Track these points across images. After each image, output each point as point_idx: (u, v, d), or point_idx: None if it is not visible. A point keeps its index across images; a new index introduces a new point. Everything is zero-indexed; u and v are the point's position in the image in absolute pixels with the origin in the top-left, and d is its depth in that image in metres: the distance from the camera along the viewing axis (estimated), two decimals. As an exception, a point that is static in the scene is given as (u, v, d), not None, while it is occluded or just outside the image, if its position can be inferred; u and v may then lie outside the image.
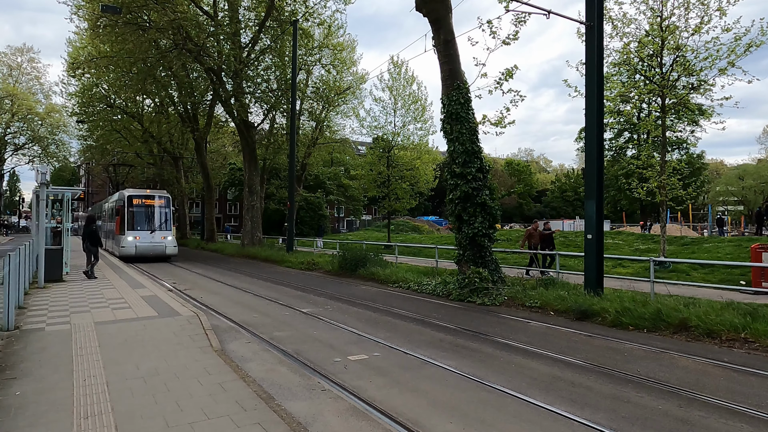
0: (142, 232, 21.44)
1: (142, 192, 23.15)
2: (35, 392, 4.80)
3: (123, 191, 23.04)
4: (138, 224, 21.56)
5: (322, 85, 31.57)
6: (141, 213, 21.91)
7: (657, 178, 15.09)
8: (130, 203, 21.75)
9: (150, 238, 21.43)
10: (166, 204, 22.58)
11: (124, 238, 21.16)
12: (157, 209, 22.25)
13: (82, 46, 29.91)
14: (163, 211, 22.32)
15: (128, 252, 20.98)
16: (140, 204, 21.97)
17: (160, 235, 21.72)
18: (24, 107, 48.29)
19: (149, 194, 22.65)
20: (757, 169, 65.05)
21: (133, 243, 20.99)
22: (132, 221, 21.45)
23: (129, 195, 22.03)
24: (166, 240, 21.84)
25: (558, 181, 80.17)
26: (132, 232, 21.27)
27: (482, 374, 5.88)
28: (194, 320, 8.13)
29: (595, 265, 10.20)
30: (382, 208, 30.61)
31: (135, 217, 21.66)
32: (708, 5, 13.88)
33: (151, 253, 21.36)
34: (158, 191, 23.67)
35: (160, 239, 21.60)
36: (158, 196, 22.65)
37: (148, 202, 22.12)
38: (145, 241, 21.20)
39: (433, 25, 12.61)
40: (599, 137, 10.49)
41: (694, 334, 7.74)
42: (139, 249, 21.04)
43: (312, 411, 4.60)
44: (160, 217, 22.24)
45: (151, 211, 22.15)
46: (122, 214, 21.71)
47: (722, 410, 4.81)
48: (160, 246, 21.52)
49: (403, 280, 13.99)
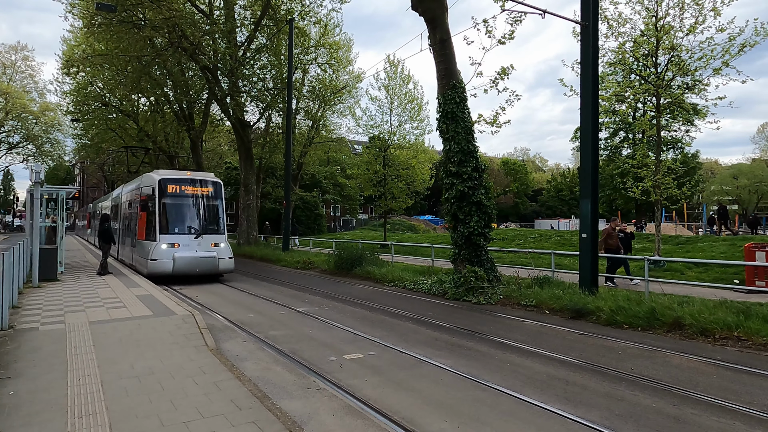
0: (183, 237, 14.40)
1: (180, 175, 15.71)
2: (29, 392, 4.78)
3: (151, 174, 15.92)
4: (176, 225, 14.62)
5: (318, 84, 31.53)
6: (181, 207, 14.95)
7: (652, 178, 15.15)
8: (163, 192, 14.69)
9: (195, 246, 14.37)
10: (217, 193, 15.68)
11: (154, 247, 14.01)
12: (204, 201, 15.35)
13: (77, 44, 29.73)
14: (213, 205, 15.55)
15: (162, 268, 13.85)
16: (179, 193, 14.95)
17: (209, 241, 14.69)
18: (18, 105, 47.95)
19: (192, 178, 15.55)
20: (752, 168, 65.43)
21: (170, 254, 13.91)
22: (167, 220, 14.51)
23: (163, 179, 14.88)
24: (219, 249, 14.77)
25: (554, 181, 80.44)
26: (167, 237, 14.21)
27: (477, 373, 5.90)
28: (189, 319, 8.11)
29: (590, 264, 10.24)
30: (379, 208, 30.61)
31: (172, 213, 14.74)
32: (702, 5, 13.95)
33: (197, 270, 14.27)
34: (203, 173, 16.69)
35: (209, 247, 14.57)
36: (205, 180, 15.69)
37: (190, 190, 15.18)
38: (187, 251, 14.18)
39: (429, 24, 12.62)
40: (594, 136, 10.53)
41: (688, 332, 7.79)
42: (179, 264, 13.95)
43: (307, 410, 4.61)
44: (208, 213, 15.36)
45: (197, 204, 15.21)
46: (151, 208, 14.85)
47: (715, 408, 4.85)
48: (210, 258, 14.41)
49: (399, 279, 14.01)
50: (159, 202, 14.57)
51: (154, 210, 14.60)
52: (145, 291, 11.32)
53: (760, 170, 63.12)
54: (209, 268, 14.46)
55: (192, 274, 14.36)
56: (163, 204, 14.61)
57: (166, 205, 14.66)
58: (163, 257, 13.89)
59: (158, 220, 14.36)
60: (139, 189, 16.18)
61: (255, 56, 25.59)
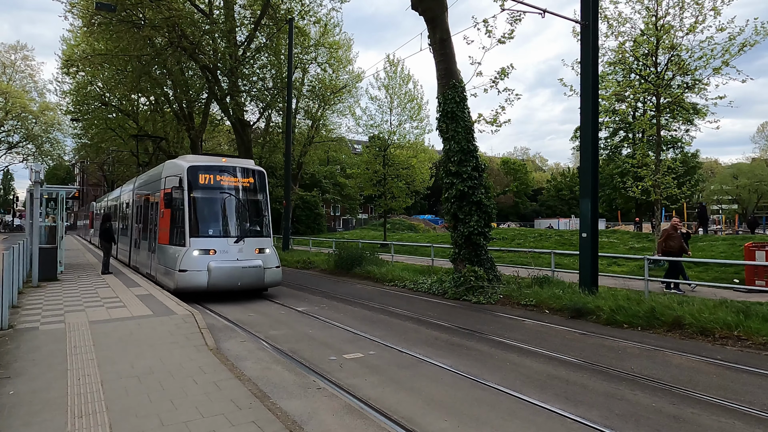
0: (220, 242, 11.25)
1: (214, 161, 12.26)
2: (29, 391, 4.78)
3: (176, 161, 12.76)
4: (211, 225, 11.60)
5: (318, 83, 31.52)
6: (216, 203, 11.78)
7: (652, 177, 15.14)
8: (193, 182, 11.52)
9: (235, 252, 11.23)
10: (261, 184, 12.49)
11: (183, 255, 10.91)
12: (245, 194, 12.19)
13: (77, 43, 29.74)
14: (257, 200, 12.44)
15: (193, 282, 10.78)
16: (214, 184, 11.76)
17: (252, 246, 11.58)
18: (18, 105, 47.93)
19: (229, 165, 12.23)
20: (751, 168, 65.46)
21: (204, 264, 10.81)
22: (199, 219, 11.44)
23: (192, 166, 11.68)
24: (265, 256, 11.64)
25: (554, 180, 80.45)
26: (200, 241, 11.11)
27: (477, 372, 5.90)
28: (189, 319, 8.11)
29: (589, 264, 10.24)
30: (379, 207, 30.60)
31: (205, 210, 11.66)
32: (702, 5, 13.95)
33: (239, 284, 11.13)
34: (242, 159, 13.41)
35: (252, 254, 11.47)
36: (246, 168, 12.44)
37: (228, 181, 11.96)
38: (226, 260, 11.05)
39: (429, 23, 12.61)
40: (594, 136, 10.53)
41: (688, 332, 7.79)
42: (216, 276, 10.82)
43: (307, 409, 4.61)
44: (251, 210, 12.29)
45: (236, 199, 11.97)
46: (177, 204, 11.58)
47: (715, 407, 4.85)
48: (255, 269, 11.29)
49: (399, 279, 14.02)
50: (188, 196, 11.36)
51: (182, 206, 11.38)
52: (145, 291, 11.32)
53: (759, 170, 63.15)
54: (253, 281, 11.30)
55: (232, 290, 11.25)
56: (193, 198, 11.40)
57: (197, 200, 11.47)
58: (194, 267, 10.76)
59: (188, 220, 11.20)
60: (160, 180, 12.98)
61: (255, 56, 25.58)
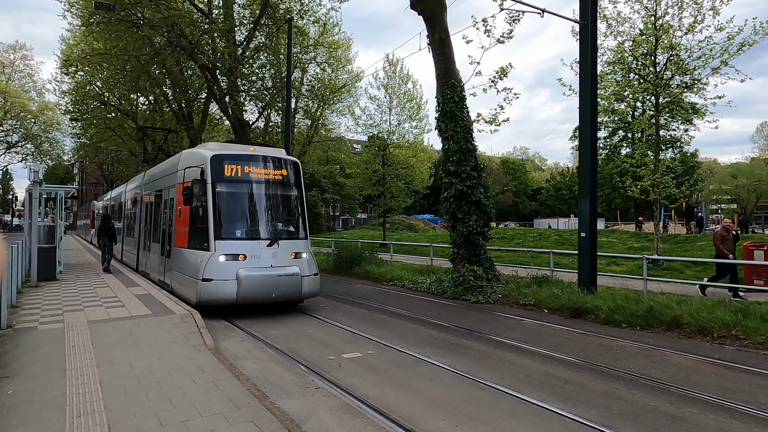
0: (251, 245, 9.55)
1: (242, 149, 10.56)
2: (28, 391, 4.77)
3: (196, 150, 11.00)
4: (239, 225, 9.89)
5: (317, 83, 31.50)
6: (245, 199, 10.20)
7: (651, 177, 15.16)
8: (218, 174, 9.79)
9: (269, 257, 9.50)
10: (296, 177, 10.83)
11: (208, 261, 9.18)
12: (278, 189, 10.48)
13: (75, 43, 29.70)
14: (291, 195, 10.70)
15: (219, 294, 9.02)
16: (242, 177, 10.03)
17: (288, 249, 9.85)
18: (17, 105, 47.88)
19: (259, 154, 10.48)
20: (750, 167, 65.54)
21: (232, 271, 9.10)
22: (225, 218, 9.71)
23: (217, 155, 9.92)
24: (302, 262, 9.93)
25: (553, 180, 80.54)
26: (226, 244, 9.40)
27: (476, 372, 5.91)
28: (188, 318, 8.11)
29: (588, 263, 10.25)
30: (378, 207, 30.61)
31: (232, 207, 9.99)
32: (701, 5, 13.97)
33: (273, 295, 9.34)
34: (273, 149, 11.20)
35: (288, 259, 9.74)
36: (278, 158, 10.66)
37: (258, 173, 10.23)
38: (259, 267, 9.31)
39: (428, 23, 12.61)
40: (593, 135, 10.54)
41: (686, 331, 7.80)
42: (247, 286, 9.06)
43: (306, 409, 4.61)
44: (285, 207, 10.64)
45: (268, 194, 10.40)
46: (198, 201, 9.90)
47: (713, 406, 4.86)
48: (291, 277, 9.51)
49: (398, 279, 14.03)
50: (212, 191, 9.59)
51: (205, 202, 9.65)
52: (144, 290, 11.31)
53: (758, 169, 63.24)
54: (290, 292, 9.50)
55: (265, 302, 9.42)
56: (218, 194, 9.65)
57: (223, 196, 9.73)
58: (221, 275, 9.00)
59: (212, 218, 9.44)
60: (176, 173, 11.31)
61: (254, 55, 25.57)
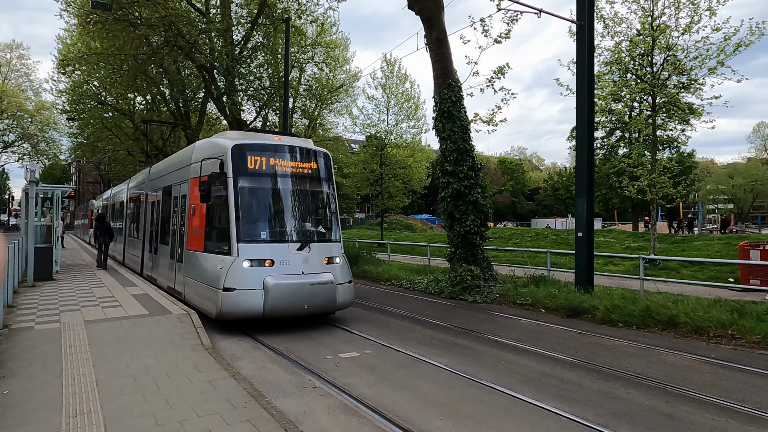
0: (279, 249, 8.24)
1: (266, 138, 9.27)
2: (24, 391, 4.76)
3: (214, 140, 9.55)
4: (265, 225, 8.61)
5: (315, 83, 31.49)
6: (272, 195, 8.90)
7: (648, 177, 15.20)
8: (241, 166, 8.47)
9: (299, 263, 8.17)
10: (326, 170, 9.45)
11: (230, 267, 7.87)
12: (306, 183, 9.09)
13: (72, 42, 29.62)
14: (322, 192, 9.35)
15: (244, 305, 7.71)
16: (267, 169, 8.69)
17: (320, 254, 8.53)
18: (13, 104, 47.73)
19: (285, 144, 9.10)
20: (747, 167, 65.76)
21: (258, 279, 7.78)
22: (248, 217, 8.40)
23: (239, 145, 8.57)
24: (335, 268, 8.59)
25: (550, 180, 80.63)
26: (251, 247, 8.08)
27: (473, 371, 5.92)
28: (185, 318, 8.09)
29: (585, 263, 10.26)
30: (376, 207, 30.64)
31: (257, 204, 8.76)
32: (698, 5, 14.02)
33: (306, 307, 7.96)
34: (300, 138, 9.96)
35: (321, 265, 8.40)
36: (307, 148, 9.29)
37: (285, 165, 8.84)
38: (289, 274, 8.00)
39: (426, 23, 12.61)
40: (590, 135, 10.56)
41: (683, 330, 7.83)
42: (276, 296, 7.72)
43: (302, 408, 4.61)
44: (316, 205, 9.35)
45: (298, 190, 8.96)
46: (217, 197, 8.52)
47: (708, 405, 4.87)
48: (325, 285, 8.16)
49: (396, 278, 14.03)
50: (234, 186, 8.27)
51: (225, 199, 8.29)
52: (141, 290, 11.29)
53: (755, 169, 63.46)
54: (324, 303, 8.18)
55: (296, 316, 8.14)
56: (240, 189, 8.32)
57: (246, 192, 8.44)
58: (245, 284, 7.72)
59: (234, 218, 8.10)
60: (189, 167, 10.04)
61: (251, 55, 25.54)
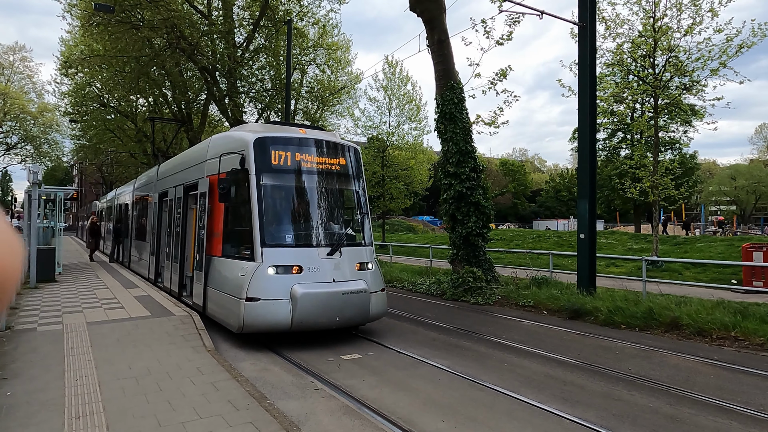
0: (307, 254, 7.30)
1: (289, 130, 8.16)
2: (27, 392, 4.77)
3: (233, 133, 8.73)
4: (291, 228, 7.75)
5: (317, 84, 31.54)
6: (298, 194, 8.00)
7: (650, 178, 15.17)
8: (264, 162, 7.53)
9: (330, 270, 7.23)
10: (356, 166, 8.61)
11: (253, 274, 6.91)
12: (335, 181, 8.23)
13: (75, 44, 29.74)
14: (352, 191, 8.60)
15: (271, 317, 6.81)
16: (292, 166, 7.77)
17: (351, 259, 7.62)
18: (16, 106, 47.90)
19: (311, 137, 8.13)
20: (749, 169, 65.55)
21: (285, 288, 6.85)
22: (273, 219, 7.60)
23: (261, 138, 7.60)
24: (367, 275, 7.67)
25: (552, 181, 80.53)
26: (276, 252, 7.13)
27: (475, 373, 5.91)
28: (187, 320, 8.09)
29: (587, 265, 10.25)
30: (377, 208, 30.59)
31: (283, 204, 7.97)
32: (700, 6, 14.00)
33: (338, 319, 7.04)
34: (327, 132, 9.00)
35: (353, 272, 7.53)
36: (334, 143, 8.34)
37: (312, 161, 7.93)
38: (318, 282, 7.06)
39: (427, 24, 12.63)
40: (592, 137, 10.55)
41: (686, 332, 7.80)
42: (305, 307, 6.80)
43: (305, 410, 4.61)
44: (346, 205, 8.54)
45: (326, 189, 8.10)
46: (238, 196, 7.67)
47: (711, 408, 4.86)
48: (358, 294, 7.19)
49: (398, 280, 14.03)
50: (256, 184, 7.39)
51: (247, 199, 7.42)
52: (143, 292, 11.30)
53: (757, 171, 63.25)
54: (357, 314, 7.33)
55: (328, 328, 7.33)
56: (263, 187, 7.46)
57: (270, 190, 7.63)
58: (270, 294, 6.89)
59: (257, 219, 7.23)
60: (204, 163, 9.13)
61: (253, 57, 25.60)
